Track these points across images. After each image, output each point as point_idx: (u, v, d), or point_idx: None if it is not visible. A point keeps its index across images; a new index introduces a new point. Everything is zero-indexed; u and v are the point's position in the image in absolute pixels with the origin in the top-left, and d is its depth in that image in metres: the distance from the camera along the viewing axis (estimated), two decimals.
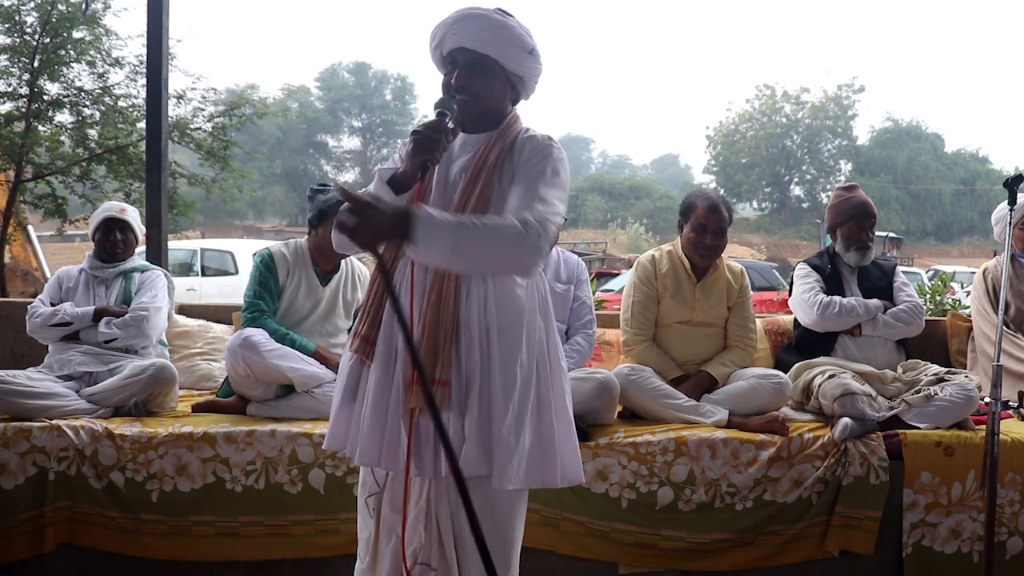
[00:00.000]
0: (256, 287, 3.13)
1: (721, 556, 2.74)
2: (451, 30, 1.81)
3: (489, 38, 1.80)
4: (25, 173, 9.70)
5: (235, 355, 2.90)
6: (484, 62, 1.81)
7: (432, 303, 1.75)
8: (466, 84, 1.80)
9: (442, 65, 1.88)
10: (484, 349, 1.75)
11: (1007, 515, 2.74)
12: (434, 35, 1.86)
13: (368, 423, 1.76)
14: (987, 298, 3.49)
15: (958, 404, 2.85)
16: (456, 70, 1.82)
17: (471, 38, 1.80)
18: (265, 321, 3.07)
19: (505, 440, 1.71)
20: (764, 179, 44.24)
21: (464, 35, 1.80)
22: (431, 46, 1.89)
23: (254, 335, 2.93)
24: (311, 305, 3.20)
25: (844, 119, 44.11)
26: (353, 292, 3.32)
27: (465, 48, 1.81)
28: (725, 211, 3.13)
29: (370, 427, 1.76)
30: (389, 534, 1.83)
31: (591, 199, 40.95)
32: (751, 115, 44.58)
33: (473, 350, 1.74)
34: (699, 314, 3.14)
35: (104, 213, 3.35)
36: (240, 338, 2.93)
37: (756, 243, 37.24)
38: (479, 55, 1.81)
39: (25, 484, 2.71)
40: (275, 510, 2.74)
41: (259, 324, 3.04)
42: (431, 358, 1.72)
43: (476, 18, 1.80)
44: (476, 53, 1.80)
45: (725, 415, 2.90)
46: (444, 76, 1.86)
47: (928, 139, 44.23)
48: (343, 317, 3.28)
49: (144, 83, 9.80)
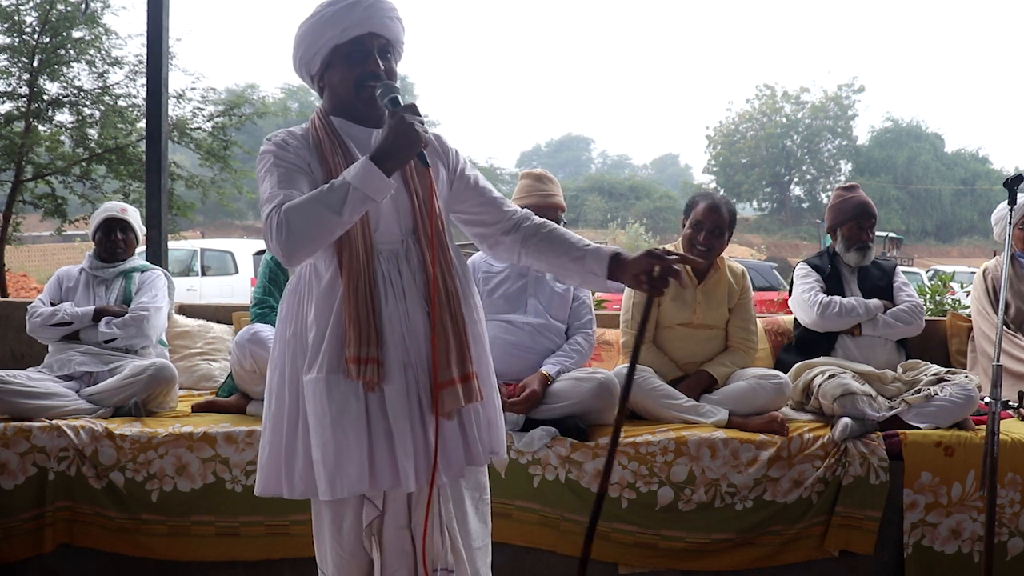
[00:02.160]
0: (266, 283, 3.13)
1: (721, 556, 2.74)
2: (364, 16, 1.76)
3: (394, 24, 1.81)
4: (25, 173, 9.69)
5: (243, 349, 2.91)
6: (390, 47, 1.82)
7: (443, 303, 1.75)
8: (384, 70, 1.79)
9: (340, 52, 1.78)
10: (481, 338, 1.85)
11: (1007, 515, 2.74)
12: (329, 23, 1.76)
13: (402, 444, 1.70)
14: (987, 298, 3.49)
15: (958, 404, 2.85)
16: (370, 56, 1.78)
17: (379, 23, 1.78)
18: (273, 318, 3.05)
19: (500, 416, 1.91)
20: (764, 179, 44.20)
21: (373, 20, 1.77)
22: (321, 37, 1.78)
23: (263, 330, 2.93)
24: None
25: (844, 119, 44.08)
26: None
27: (375, 34, 1.78)
28: (725, 212, 3.12)
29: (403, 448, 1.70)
30: (399, 555, 1.79)
31: (591, 199, 40.92)
32: (751, 115, 44.54)
33: (479, 340, 1.83)
34: (700, 316, 3.13)
35: (105, 213, 3.35)
36: (249, 332, 2.94)
37: (756, 243, 37.21)
38: (387, 40, 1.81)
39: (25, 484, 2.71)
40: (275, 510, 2.73)
41: (268, 320, 3.03)
42: (459, 356, 1.74)
43: (380, 2, 1.79)
44: (384, 38, 1.80)
45: (725, 415, 2.90)
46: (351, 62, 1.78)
47: (928, 139, 44.20)
48: None
49: (143, 83, 9.85)
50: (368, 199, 1.60)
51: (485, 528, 1.92)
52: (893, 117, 46.84)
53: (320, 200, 1.60)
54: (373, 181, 1.60)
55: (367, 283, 1.71)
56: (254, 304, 3.13)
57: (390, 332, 1.72)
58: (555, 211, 3.02)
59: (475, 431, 1.80)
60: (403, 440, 1.70)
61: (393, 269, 1.76)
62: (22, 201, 9.95)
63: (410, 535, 1.80)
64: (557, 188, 3.13)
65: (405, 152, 1.64)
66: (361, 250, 1.71)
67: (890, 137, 44.01)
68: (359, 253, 1.71)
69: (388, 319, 1.72)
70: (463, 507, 1.86)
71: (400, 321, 1.74)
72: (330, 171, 1.74)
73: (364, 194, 1.59)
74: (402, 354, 1.73)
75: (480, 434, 1.81)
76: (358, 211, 1.62)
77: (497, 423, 1.88)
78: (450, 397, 1.71)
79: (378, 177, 1.60)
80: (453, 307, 1.76)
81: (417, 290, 1.76)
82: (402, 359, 1.72)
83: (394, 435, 1.70)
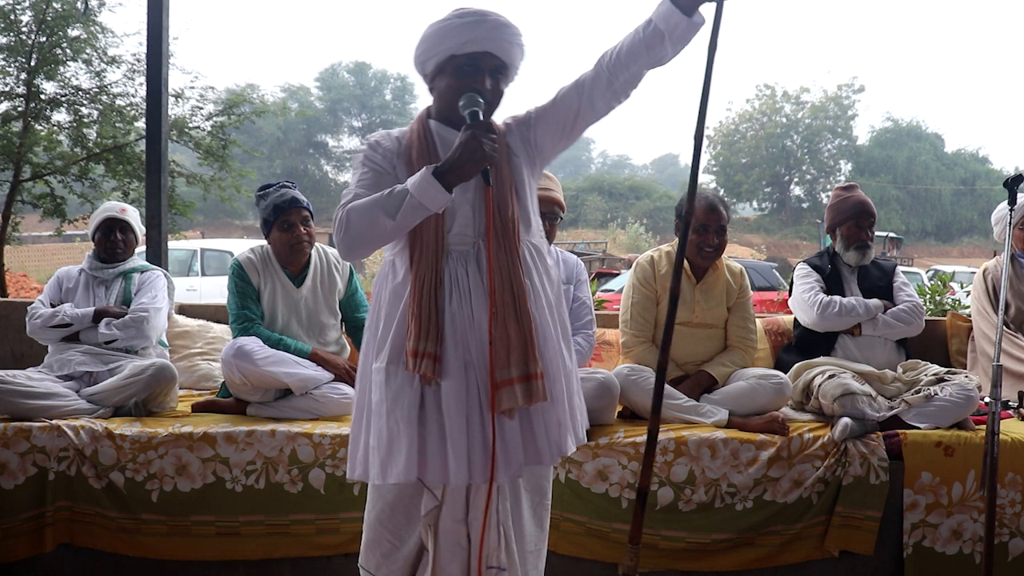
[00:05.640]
0: (237, 299, 3.07)
1: (721, 556, 2.74)
2: (486, 35, 1.80)
3: (513, 49, 1.84)
4: (23, 173, 9.68)
5: (229, 365, 2.89)
6: (503, 69, 1.86)
7: (508, 303, 1.76)
8: (490, 90, 1.83)
9: (454, 62, 1.82)
10: (551, 338, 1.85)
11: (1008, 516, 2.74)
12: (452, 33, 1.81)
13: (453, 439, 1.73)
14: (987, 298, 3.49)
15: (958, 404, 2.84)
16: (480, 73, 1.82)
17: (499, 45, 1.82)
18: (257, 329, 3.03)
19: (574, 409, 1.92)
20: (764, 179, 44.22)
21: (494, 41, 1.81)
22: (441, 44, 1.82)
23: (247, 344, 2.91)
24: (291, 310, 3.13)
25: (844, 119, 44.09)
26: (332, 283, 3.21)
27: (492, 54, 1.82)
28: (723, 209, 3.13)
29: (455, 443, 1.73)
30: (453, 548, 1.83)
31: (591, 199, 40.93)
32: (751, 115, 44.55)
33: (549, 340, 1.83)
34: (699, 315, 3.13)
35: (104, 213, 3.35)
36: (233, 348, 2.91)
37: (756, 243, 37.21)
38: (502, 62, 1.84)
39: (25, 484, 2.71)
40: (275, 510, 2.74)
41: (252, 333, 3.01)
42: (521, 356, 1.75)
43: (505, 26, 1.82)
44: (500, 60, 1.84)
45: (725, 415, 2.90)
46: (461, 75, 1.82)
47: (928, 139, 44.22)
48: (328, 314, 3.20)
49: (142, 82, 9.85)
50: (423, 208, 1.67)
51: (542, 533, 1.95)
52: (893, 117, 46.99)
53: (379, 204, 1.69)
54: (430, 191, 1.65)
55: (433, 282, 1.76)
56: (233, 321, 3.06)
57: (451, 330, 1.76)
58: (551, 205, 3.02)
59: (543, 430, 1.81)
60: (455, 436, 1.73)
61: (461, 269, 1.80)
62: (21, 201, 9.93)
63: (466, 529, 1.83)
64: (555, 185, 3.13)
65: (469, 168, 1.68)
66: (432, 250, 1.77)
67: (890, 137, 44.04)
68: (429, 252, 1.78)
69: (451, 317, 1.76)
70: (520, 508, 1.89)
71: (464, 320, 1.77)
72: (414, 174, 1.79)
73: (419, 202, 1.65)
74: (463, 352, 1.76)
75: (549, 434, 1.82)
76: (412, 218, 1.69)
77: (566, 424, 1.87)
78: (508, 396, 1.73)
79: (436, 188, 1.65)
80: (519, 307, 1.78)
81: (484, 291, 1.78)
82: (463, 357, 1.76)
83: (446, 430, 1.73)
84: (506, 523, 1.84)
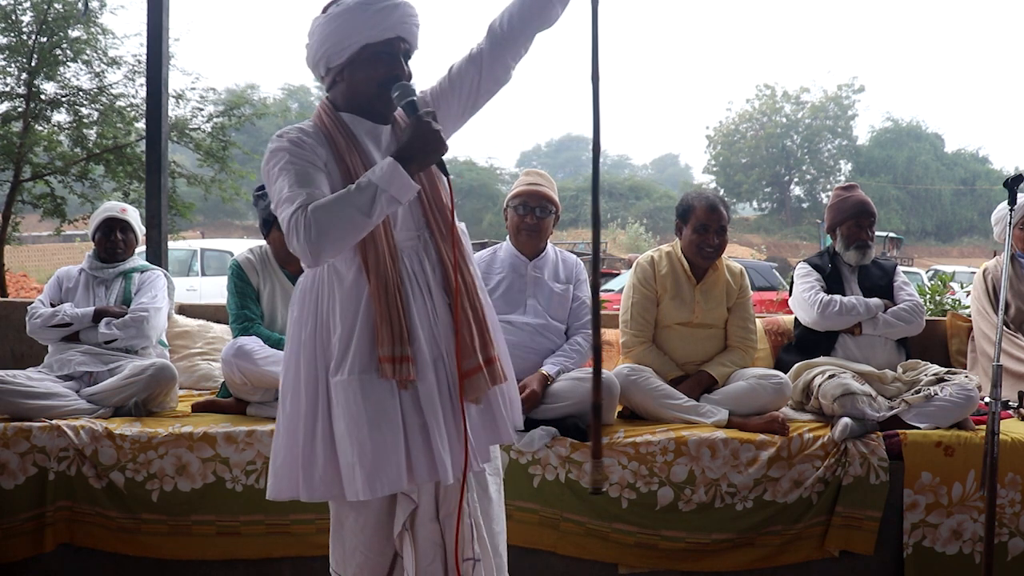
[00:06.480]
0: (237, 299, 3.08)
1: (721, 556, 2.73)
2: (399, 20, 1.78)
3: (417, 30, 1.84)
4: (23, 173, 9.69)
5: (229, 365, 2.90)
6: (411, 52, 1.86)
7: (462, 291, 1.78)
8: (408, 74, 1.82)
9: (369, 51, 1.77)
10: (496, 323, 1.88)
11: (1008, 516, 2.74)
12: (365, 22, 1.75)
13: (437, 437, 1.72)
14: (987, 298, 3.49)
15: (958, 404, 2.84)
16: (397, 60, 1.80)
17: (408, 29, 1.81)
18: (257, 328, 3.04)
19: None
20: (764, 179, 44.21)
21: (406, 26, 1.80)
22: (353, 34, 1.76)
23: (247, 343, 2.92)
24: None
25: (844, 119, 44.09)
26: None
27: (403, 38, 1.81)
28: (723, 209, 3.13)
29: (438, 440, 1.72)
30: (432, 548, 1.82)
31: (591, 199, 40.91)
32: (751, 115, 44.55)
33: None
34: (699, 315, 3.13)
35: (105, 213, 3.35)
36: (233, 348, 2.92)
37: (756, 243, 37.21)
38: (411, 45, 1.85)
39: (25, 484, 2.71)
40: (275, 509, 2.73)
41: (252, 333, 3.01)
42: (481, 342, 1.77)
43: (412, 9, 1.82)
44: (409, 44, 1.84)
45: (725, 415, 2.89)
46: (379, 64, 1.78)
47: (928, 139, 44.22)
48: None
49: (142, 82, 9.85)
50: (394, 200, 1.63)
51: (502, 509, 1.97)
52: (893, 117, 46.92)
53: (348, 201, 1.61)
54: (400, 184, 1.62)
55: (395, 282, 1.73)
56: (234, 321, 3.07)
57: (419, 328, 1.75)
58: (542, 200, 3.02)
59: (502, 410, 1.85)
60: (439, 433, 1.72)
61: (416, 265, 1.79)
62: (21, 201, 9.94)
63: (439, 527, 1.83)
64: (549, 183, 3.13)
65: (429, 157, 1.67)
66: (386, 249, 1.73)
67: (890, 137, 44.03)
68: (384, 252, 1.73)
69: (416, 315, 1.75)
70: (488, 493, 1.90)
71: (428, 316, 1.77)
72: (348, 170, 1.75)
73: (391, 195, 1.62)
74: (432, 348, 1.76)
75: (506, 411, 1.86)
76: (385, 212, 1.65)
77: (516, 398, 1.93)
78: (477, 382, 1.75)
79: (406, 180, 1.62)
80: (471, 295, 1.80)
81: (438, 283, 1.79)
82: (432, 353, 1.76)
83: (430, 429, 1.72)
84: (475, 514, 1.84)
